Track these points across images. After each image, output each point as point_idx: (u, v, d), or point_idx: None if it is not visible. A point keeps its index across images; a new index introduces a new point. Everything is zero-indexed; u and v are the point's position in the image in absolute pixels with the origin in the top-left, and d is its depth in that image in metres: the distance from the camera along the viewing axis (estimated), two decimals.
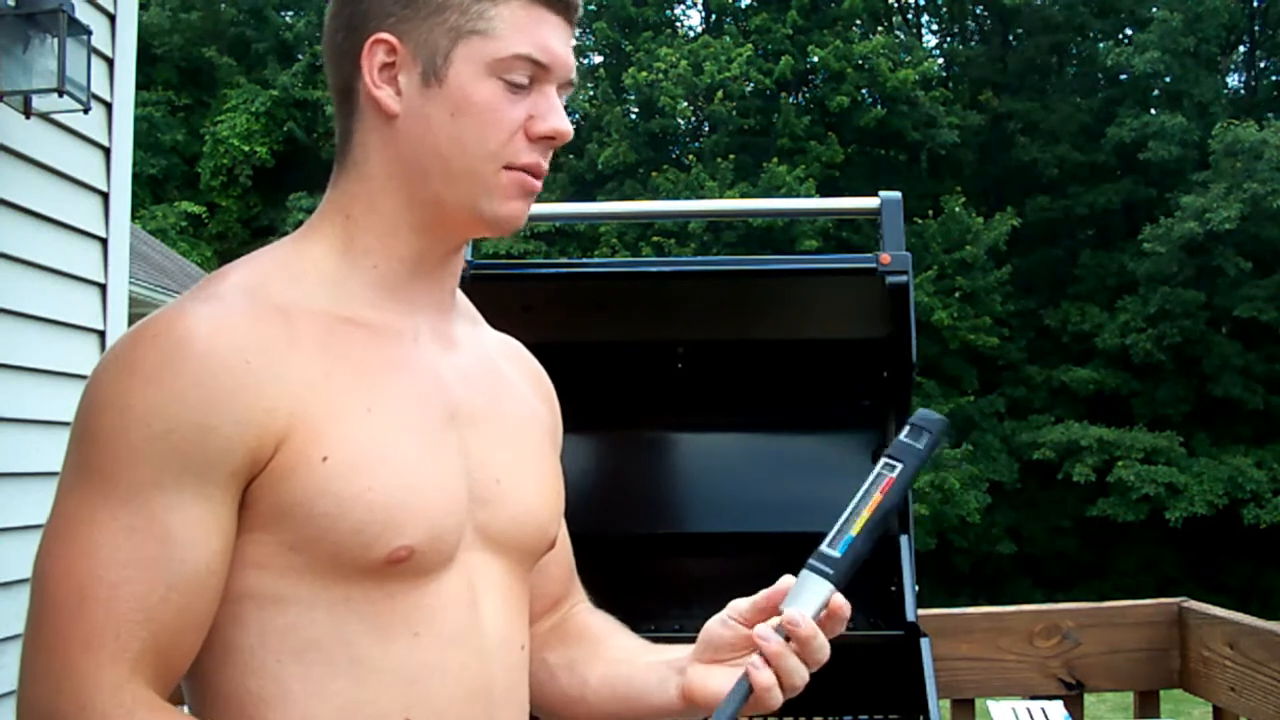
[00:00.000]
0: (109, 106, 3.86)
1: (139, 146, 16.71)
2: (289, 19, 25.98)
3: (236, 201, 23.71)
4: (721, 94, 22.39)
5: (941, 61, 25.87)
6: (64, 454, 1.05)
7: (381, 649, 1.07)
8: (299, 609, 1.06)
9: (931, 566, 18.71)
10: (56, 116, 3.50)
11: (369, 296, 1.15)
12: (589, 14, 24.54)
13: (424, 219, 1.15)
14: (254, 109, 23.45)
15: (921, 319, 17.33)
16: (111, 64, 3.87)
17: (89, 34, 3.36)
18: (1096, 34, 24.85)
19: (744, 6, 25.18)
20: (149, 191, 22.78)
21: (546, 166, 1.15)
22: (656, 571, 2.33)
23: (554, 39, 1.14)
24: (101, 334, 3.82)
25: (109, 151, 3.87)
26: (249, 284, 1.11)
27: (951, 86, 24.84)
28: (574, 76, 1.18)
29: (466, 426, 1.17)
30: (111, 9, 3.86)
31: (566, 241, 22.31)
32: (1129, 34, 24.29)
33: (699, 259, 8.52)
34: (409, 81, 1.13)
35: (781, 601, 1.14)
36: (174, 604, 1.01)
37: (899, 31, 25.30)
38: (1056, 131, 23.38)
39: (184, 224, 22.74)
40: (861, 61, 22.82)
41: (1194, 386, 21.12)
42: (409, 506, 1.07)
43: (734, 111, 22.73)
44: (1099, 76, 24.75)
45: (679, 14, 26.61)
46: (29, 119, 3.32)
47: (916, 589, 2.18)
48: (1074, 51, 25.90)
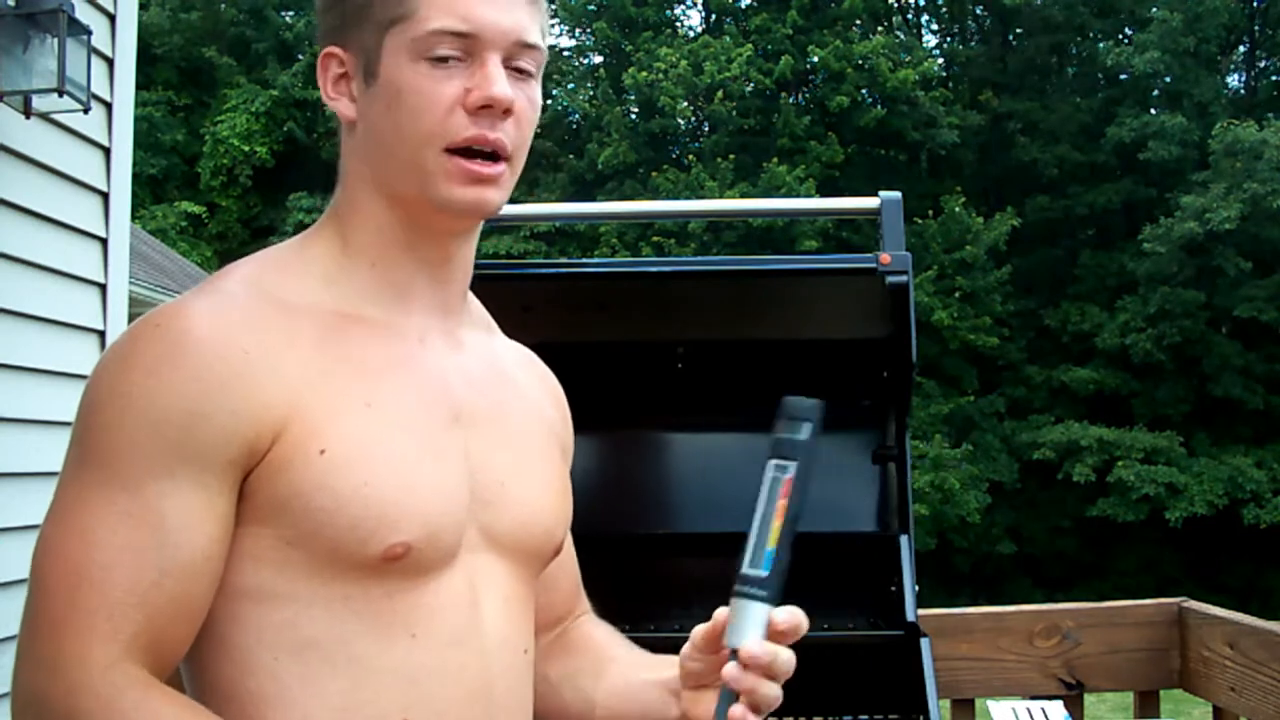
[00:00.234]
0: (109, 106, 3.86)
1: (139, 146, 16.70)
2: (289, 19, 25.97)
3: (236, 201, 23.71)
4: (721, 94, 22.38)
5: (941, 61, 25.87)
6: (66, 447, 1.06)
7: (380, 648, 1.07)
8: (297, 606, 1.06)
9: (931, 566, 18.70)
10: (56, 116, 3.50)
11: (371, 295, 1.16)
12: (589, 14, 24.54)
13: (400, 215, 1.16)
14: (254, 109, 23.45)
15: (921, 319, 17.32)
16: (111, 64, 3.87)
17: (89, 34, 3.36)
18: (1096, 34, 24.84)
19: (744, 6, 25.17)
20: (149, 191, 22.78)
21: (500, 136, 1.11)
22: (656, 571, 2.33)
23: (481, 6, 1.10)
24: (101, 334, 3.82)
25: (109, 151, 3.87)
26: (252, 280, 1.13)
27: (951, 86, 24.83)
28: (529, 38, 1.12)
29: (470, 428, 1.17)
30: (111, 9, 3.86)
31: (566, 241, 22.31)
32: (1129, 34, 24.29)
33: (699, 259, 8.53)
34: (358, 87, 1.15)
35: (722, 634, 1.08)
36: (168, 590, 1.01)
37: (899, 31, 25.30)
38: (1056, 131, 23.37)
39: (184, 224, 22.74)
40: (861, 61, 22.82)
41: (1194, 386, 21.12)
42: (406, 503, 1.07)
43: (734, 111, 22.72)
44: (1099, 76, 24.75)
45: (679, 14, 26.62)
46: (29, 119, 3.32)
47: (916, 589, 2.18)
48: (1074, 51, 25.90)
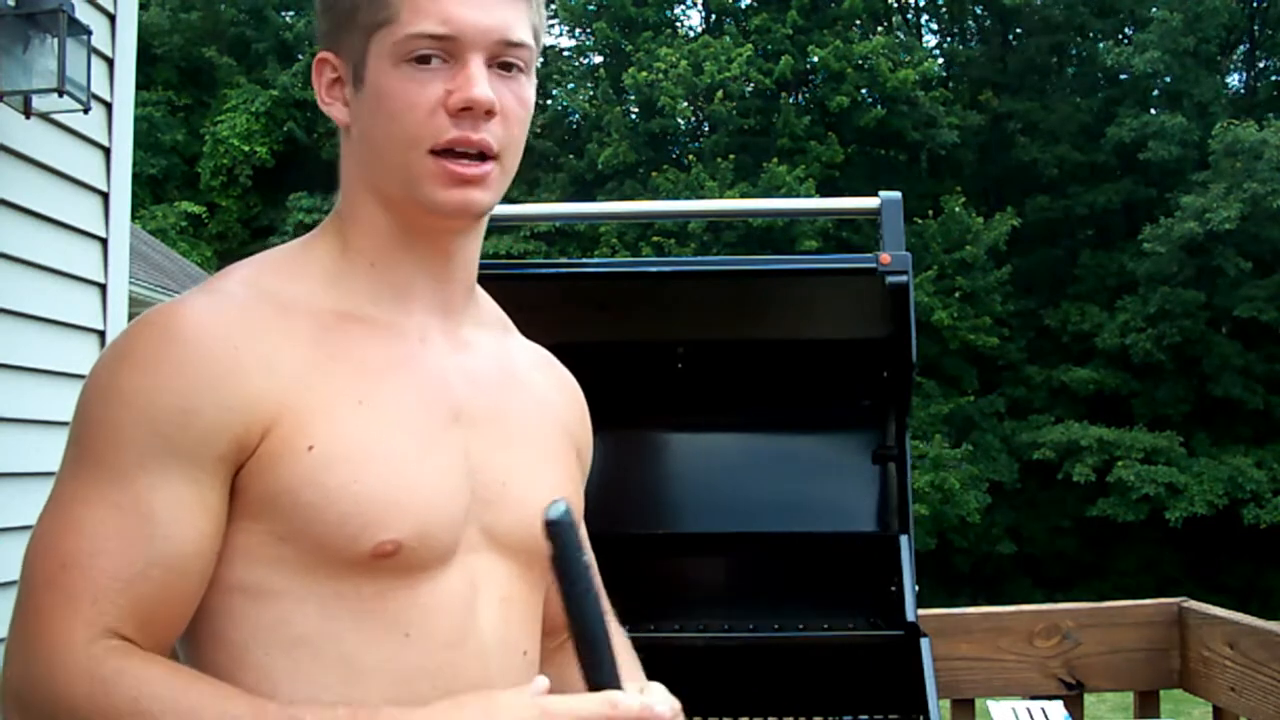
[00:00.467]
0: (109, 106, 3.86)
1: (139, 146, 16.70)
2: (289, 19, 25.96)
3: (236, 201, 23.71)
4: (721, 94, 22.38)
5: (941, 61, 25.86)
6: (65, 443, 1.07)
7: (371, 648, 1.07)
8: (289, 602, 1.06)
9: (931, 566, 18.70)
10: (56, 116, 3.50)
11: (371, 295, 1.16)
12: (589, 14, 24.52)
13: (395, 217, 1.16)
14: (254, 109, 23.45)
15: (921, 319, 17.32)
16: (111, 64, 3.87)
17: (89, 34, 3.36)
18: (1096, 34, 24.83)
19: (744, 6, 25.16)
20: (149, 191, 22.78)
21: (483, 137, 1.11)
22: (656, 571, 2.33)
23: (461, 7, 1.10)
24: (101, 334, 3.83)
25: (109, 151, 3.87)
26: (251, 281, 1.13)
27: (951, 86, 24.83)
28: (513, 36, 1.12)
29: (471, 428, 1.17)
30: (111, 9, 3.87)
31: (566, 241, 22.31)
32: (1129, 34, 24.29)
33: (699, 259, 8.53)
34: (349, 92, 1.16)
35: None
36: (155, 579, 1.01)
37: (899, 31, 25.28)
38: (1056, 131, 23.37)
39: (184, 224, 22.74)
40: (861, 61, 22.81)
41: (1194, 386, 21.12)
42: (396, 501, 1.07)
43: (734, 111, 22.71)
44: (1099, 76, 24.73)
45: (679, 14, 26.60)
46: (29, 119, 3.33)
47: (916, 589, 2.17)
48: (1074, 51, 25.89)
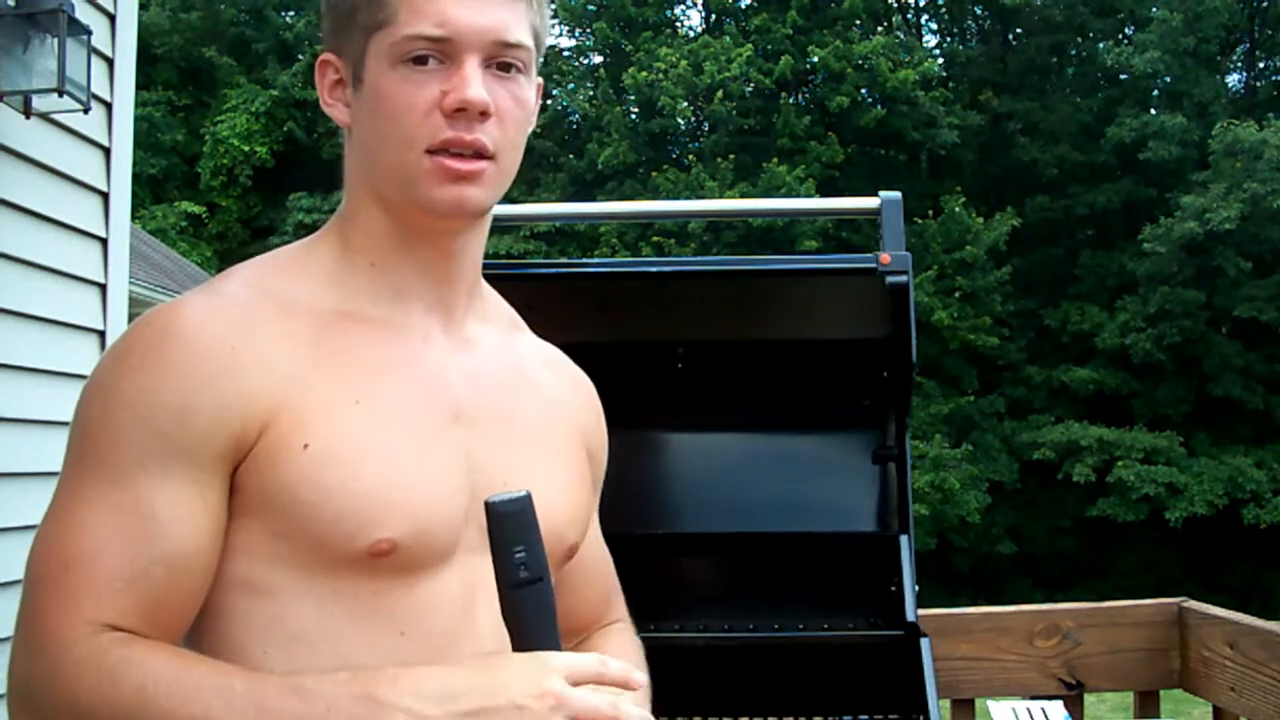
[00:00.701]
0: (109, 106, 3.85)
1: (139, 146, 16.70)
2: (289, 19, 25.96)
3: (236, 201, 23.71)
4: (721, 94, 22.38)
5: (941, 61, 25.85)
6: (65, 446, 1.08)
7: (367, 646, 1.07)
8: (287, 598, 1.07)
9: (931, 566, 18.70)
10: (56, 116, 3.50)
11: (372, 294, 1.16)
12: (589, 14, 24.52)
13: (393, 218, 1.17)
14: (254, 109, 23.45)
15: (921, 319, 17.31)
16: (111, 64, 3.87)
17: (89, 34, 3.36)
18: (1096, 34, 24.83)
19: (744, 6, 25.16)
20: (149, 191, 22.78)
21: (478, 136, 1.11)
22: (656, 572, 2.33)
23: (456, 8, 1.10)
24: (101, 334, 3.82)
25: (109, 151, 3.87)
26: (252, 281, 1.14)
27: (951, 86, 24.82)
28: (510, 37, 1.12)
29: (473, 428, 1.17)
30: (111, 9, 3.86)
31: (566, 241, 22.31)
32: (1129, 34, 24.29)
33: (699, 259, 8.53)
34: (350, 92, 1.17)
35: None
36: (158, 578, 1.02)
37: (899, 31, 25.28)
38: (1056, 131, 23.37)
39: (184, 224, 22.74)
40: (861, 61, 22.81)
41: (1194, 386, 21.12)
42: (392, 500, 1.07)
43: (734, 111, 22.72)
44: (1099, 76, 24.73)
45: (679, 14, 26.61)
46: (29, 119, 3.32)
47: (916, 589, 2.17)
48: (1074, 51, 25.88)
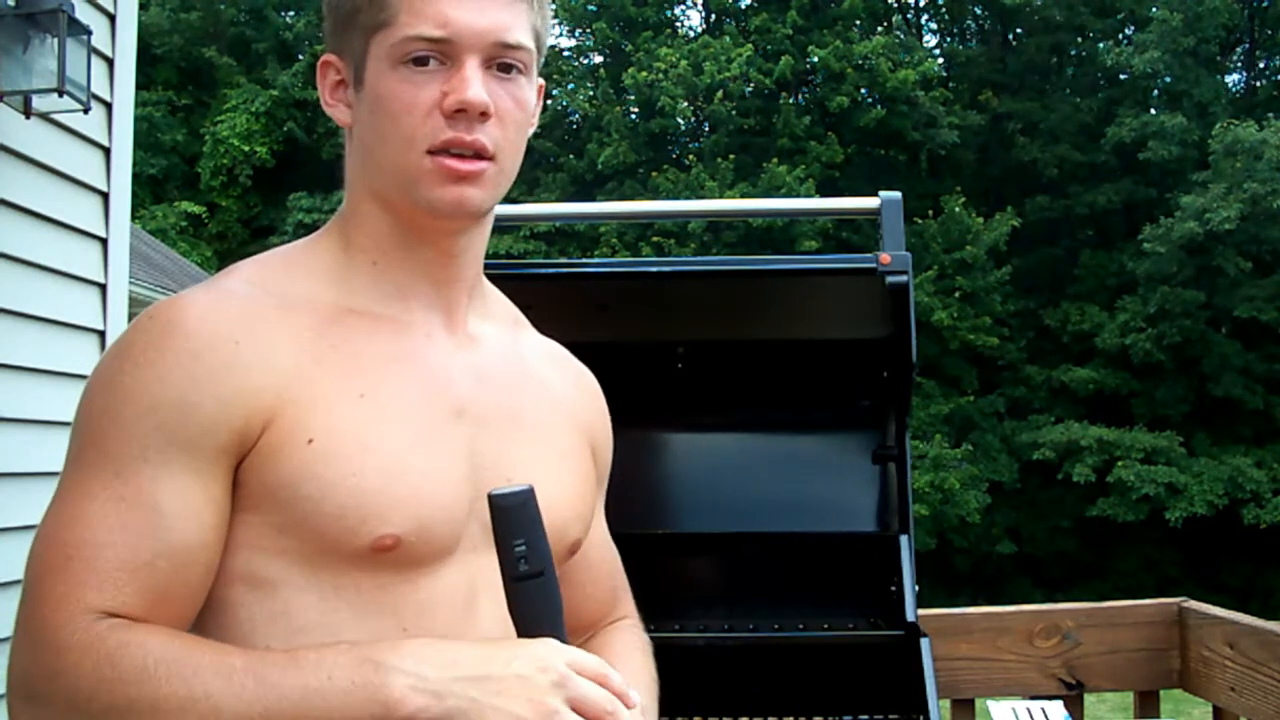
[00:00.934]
0: (109, 106, 3.85)
1: (139, 146, 16.70)
2: (289, 19, 25.96)
3: (236, 201, 23.71)
4: (721, 94, 22.38)
5: (941, 61, 25.86)
6: (67, 442, 1.08)
7: (369, 640, 1.06)
8: (290, 592, 1.07)
9: (931, 566, 18.70)
10: (56, 116, 3.49)
11: (374, 292, 1.17)
12: (589, 14, 24.52)
13: (395, 219, 1.17)
14: (254, 109, 23.45)
15: (921, 319, 17.32)
16: (111, 64, 3.87)
17: (89, 34, 3.36)
18: (1096, 34, 24.83)
19: (744, 6, 25.17)
20: (149, 191, 22.78)
21: (478, 137, 1.12)
22: (656, 571, 2.33)
23: (457, 9, 1.11)
24: (101, 334, 3.83)
25: (109, 151, 3.87)
26: (254, 278, 1.14)
27: (951, 86, 24.83)
28: (510, 38, 1.13)
29: (476, 424, 1.17)
30: (111, 9, 3.86)
31: (566, 241, 22.31)
32: (1129, 34, 24.28)
33: (699, 259, 8.53)
34: (351, 93, 1.17)
35: None
36: (161, 571, 1.02)
37: (899, 31, 25.28)
38: (1056, 131, 23.37)
39: (184, 224, 22.74)
40: (861, 62, 22.81)
41: (1194, 386, 21.12)
42: (395, 495, 1.08)
43: (734, 111, 22.72)
44: (1099, 76, 24.73)
45: (679, 14, 26.61)
46: (29, 119, 3.32)
47: (916, 589, 2.17)
48: (1074, 52, 25.88)
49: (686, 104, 23.18)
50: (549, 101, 24.62)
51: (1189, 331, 20.67)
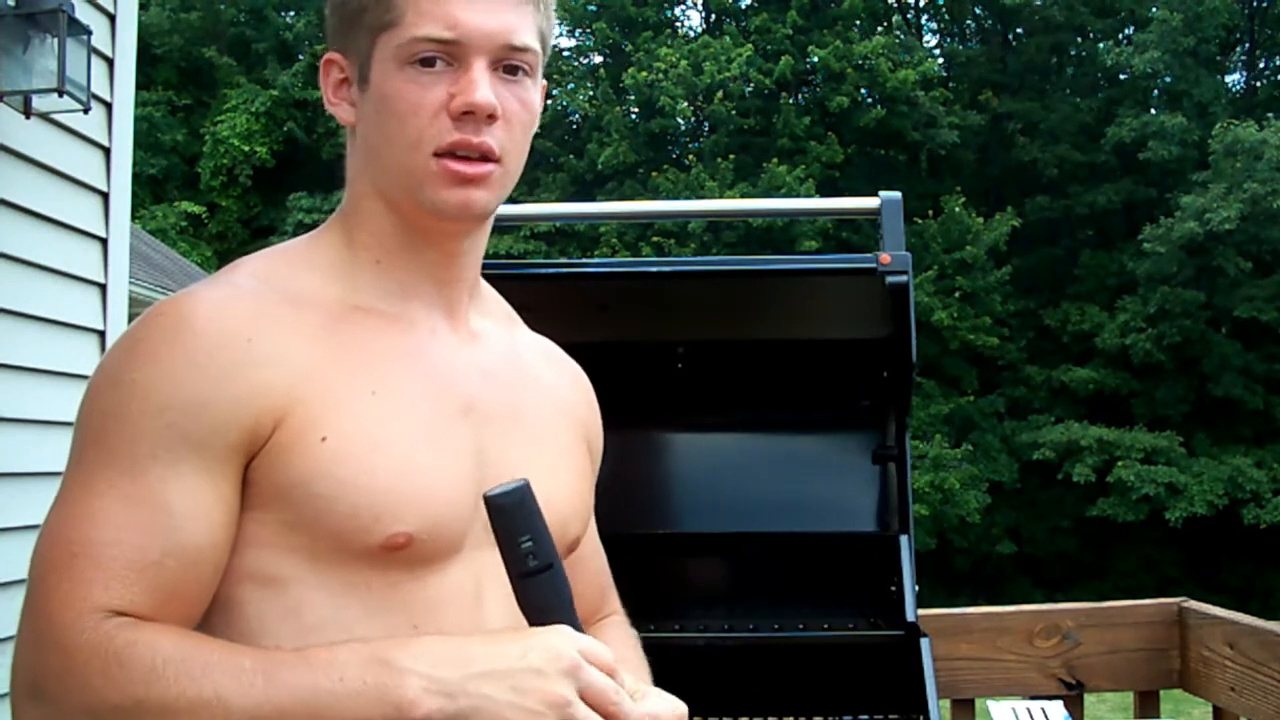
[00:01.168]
0: (109, 106, 3.85)
1: (139, 146, 16.70)
2: (289, 19, 25.96)
3: (236, 201, 23.71)
4: (721, 94, 22.38)
5: (941, 61, 25.86)
6: (70, 440, 1.07)
7: (381, 638, 1.06)
8: (300, 590, 1.06)
9: (931, 566, 18.70)
10: (56, 116, 3.49)
11: (378, 289, 1.17)
12: (589, 14, 24.52)
13: (399, 219, 1.17)
14: (254, 109, 23.45)
15: (921, 319, 17.32)
16: (111, 64, 3.87)
17: (89, 34, 3.36)
18: (1096, 34, 24.83)
19: (744, 6, 25.17)
20: (149, 191, 22.78)
21: (485, 139, 1.11)
22: (656, 572, 2.33)
23: (465, 11, 1.10)
24: (101, 334, 3.82)
25: (109, 151, 3.87)
26: (260, 273, 1.14)
27: (951, 86, 24.83)
28: (517, 40, 1.12)
29: (481, 422, 1.17)
30: (111, 9, 3.86)
31: (566, 241, 22.31)
32: (1129, 34, 24.28)
33: (699, 259, 8.53)
34: (355, 92, 1.16)
35: None
36: (170, 570, 1.01)
37: (899, 31, 25.28)
38: (1056, 131, 23.37)
39: (184, 224, 22.74)
40: (861, 62, 22.82)
41: (1194, 386, 21.12)
42: (407, 493, 1.08)
43: (734, 111, 22.72)
44: (1099, 76, 24.73)
45: (679, 14, 26.61)
46: (29, 119, 3.32)
47: (916, 589, 2.17)
48: (1074, 52, 25.89)
49: (686, 104, 23.18)
50: (549, 101, 24.56)
51: (1189, 331, 20.67)
